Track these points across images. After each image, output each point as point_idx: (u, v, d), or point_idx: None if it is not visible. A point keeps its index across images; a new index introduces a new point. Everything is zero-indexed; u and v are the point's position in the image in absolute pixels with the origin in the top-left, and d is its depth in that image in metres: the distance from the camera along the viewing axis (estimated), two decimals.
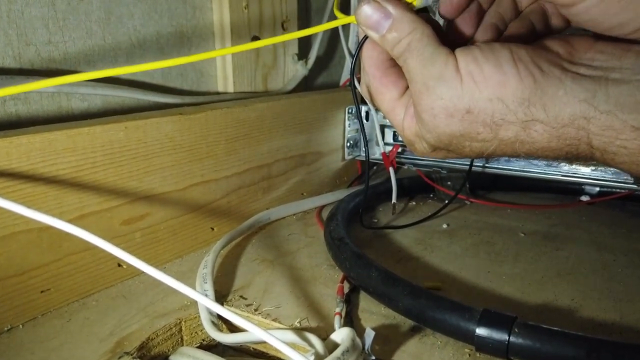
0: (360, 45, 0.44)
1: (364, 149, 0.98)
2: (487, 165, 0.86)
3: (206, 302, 0.43)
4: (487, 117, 0.38)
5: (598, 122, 0.35)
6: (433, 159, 0.90)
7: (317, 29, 0.46)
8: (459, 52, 0.39)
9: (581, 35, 0.39)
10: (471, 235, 0.76)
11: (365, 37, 0.43)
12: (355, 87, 0.48)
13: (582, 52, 0.38)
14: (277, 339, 0.40)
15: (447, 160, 0.89)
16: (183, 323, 0.54)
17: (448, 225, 0.80)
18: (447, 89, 0.38)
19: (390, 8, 0.40)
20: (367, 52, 0.44)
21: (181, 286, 0.41)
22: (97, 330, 0.51)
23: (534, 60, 0.37)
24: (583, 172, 0.79)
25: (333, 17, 0.91)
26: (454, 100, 0.38)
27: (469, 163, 0.83)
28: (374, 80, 0.44)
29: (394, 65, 0.44)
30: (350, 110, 0.95)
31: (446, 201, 0.86)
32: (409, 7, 0.41)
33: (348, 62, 1.00)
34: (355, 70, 0.46)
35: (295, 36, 0.47)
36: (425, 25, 0.40)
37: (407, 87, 0.44)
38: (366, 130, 0.97)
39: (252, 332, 0.41)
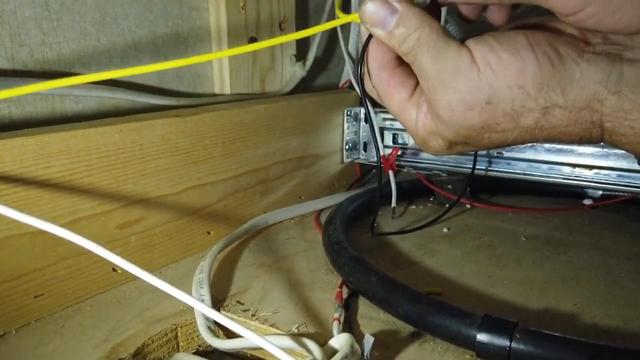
0: (365, 46, 0.43)
1: (362, 152, 0.98)
2: (488, 168, 0.86)
3: (201, 308, 0.43)
4: (508, 106, 0.38)
5: (609, 104, 0.36)
6: (437, 160, 0.90)
7: (318, 29, 0.46)
8: (471, 43, 0.39)
9: None
10: (472, 240, 0.76)
11: (369, 38, 0.43)
12: (363, 89, 0.48)
13: (594, 32, 0.38)
14: (273, 345, 0.40)
15: (448, 163, 0.89)
16: (179, 329, 0.54)
17: (448, 229, 0.80)
18: (465, 81, 0.38)
19: (396, 3, 0.40)
20: (372, 54, 0.43)
21: (177, 292, 0.41)
22: (91, 336, 0.51)
23: (551, 44, 0.37)
24: (586, 175, 0.79)
25: (332, 18, 0.91)
26: (473, 93, 0.38)
27: (470, 166, 0.83)
28: (381, 82, 0.44)
29: (400, 65, 0.43)
30: (349, 113, 0.95)
31: (447, 205, 0.86)
32: (413, 3, 0.40)
33: (347, 63, 1.00)
34: (362, 71, 0.45)
35: (295, 37, 0.46)
36: (432, 20, 0.39)
37: (416, 86, 0.43)
38: (365, 133, 0.97)
39: (249, 338, 0.41)
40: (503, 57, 0.37)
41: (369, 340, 0.45)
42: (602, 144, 0.44)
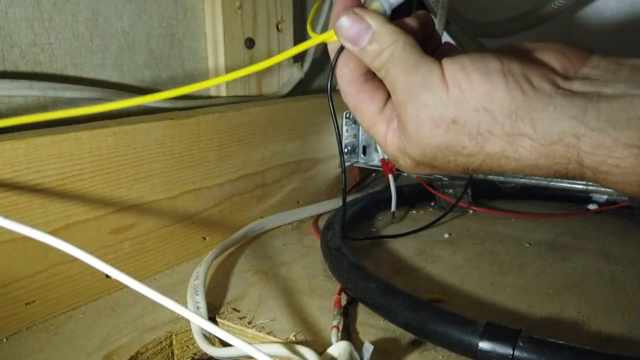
0: (335, 60, 0.44)
1: (362, 156, 0.98)
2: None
3: (192, 317, 0.43)
4: (473, 128, 0.38)
5: (589, 140, 0.35)
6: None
7: (293, 51, 0.47)
8: (446, 60, 0.39)
9: (576, 48, 0.40)
10: (474, 245, 0.76)
11: (337, 55, 0.44)
12: (332, 104, 0.49)
13: (578, 67, 0.39)
14: (267, 355, 0.40)
15: None
16: (174, 336, 0.54)
17: (450, 234, 0.80)
18: (432, 96, 0.39)
19: (369, 19, 0.40)
20: (340, 70, 0.44)
21: (168, 301, 0.41)
22: (84, 344, 0.52)
23: (525, 74, 0.37)
24: None
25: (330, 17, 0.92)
26: (439, 109, 0.38)
27: None
28: (350, 97, 0.45)
29: (369, 80, 0.44)
30: (347, 115, 0.96)
31: (447, 209, 0.86)
32: (387, 18, 0.41)
33: None
34: (332, 85, 0.47)
35: (281, 59, 0.47)
36: (406, 35, 0.40)
37: (387, 101, 0.44)
38: (364, 136, 0.97)
39: (241, 347, 0.41)
40: (473, 78, 0.37)
41: (368, 349, 0.45)
42: None
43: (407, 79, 0.39)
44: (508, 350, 0.44)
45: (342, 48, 0.43)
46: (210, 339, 0.53)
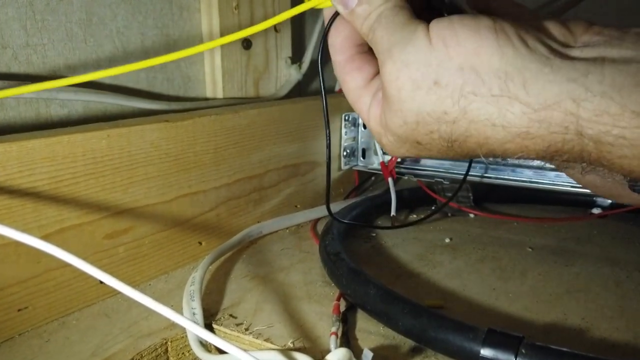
0: (327, 27, 0.43)
1: (361, 159, 0.98)
2: (492, 175, 0.86)
3: (188, 324, 0.43)
4: (456, 90, 0.35)
5: (590, 106, 0.32)
6: (439, 167, 0.91)
7: (286, 15, 0.46)
8: (435, 20, 0.37)
9: (578, 19, 0.38)
10: (475, 250, 0.76)
11: (333, 18, 0.43)
12: (323, 76, 0.49)
13: (578, 35, 0.37)
14: None
15: (450, 171, 0.90)
16: (169, 343, 0.54)
17: (451, 239, 0.80)
18: (413, 54, 0.37)
19: None
20: (331, 38, 0.43)
21: (161, 308, 0.41)
22: (78, 350, 0.52)
23: (519, 34, 0.35)
24: None
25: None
26: (421, 68, 0.36)
27: (475, 174, 0.84)
28: (338, 67, 0.44)
29: (362, 52, 0.43)
30: (346, 117, 0.96)
31: (449, 214, 0.86)
32: None
33: None
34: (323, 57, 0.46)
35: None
36: None
37: (376, 74, 0.43)
38: (364, 139, 0.97)
39: (238, 355, 0.41)
40: (460, 33, 0.35)
41: (367, 356, 0.45)
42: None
43: (390, 38, 0.38)
44: (510, 358, 0.44)
45: (336, 14, 0.43)
46: (206, 345, 0.53)
